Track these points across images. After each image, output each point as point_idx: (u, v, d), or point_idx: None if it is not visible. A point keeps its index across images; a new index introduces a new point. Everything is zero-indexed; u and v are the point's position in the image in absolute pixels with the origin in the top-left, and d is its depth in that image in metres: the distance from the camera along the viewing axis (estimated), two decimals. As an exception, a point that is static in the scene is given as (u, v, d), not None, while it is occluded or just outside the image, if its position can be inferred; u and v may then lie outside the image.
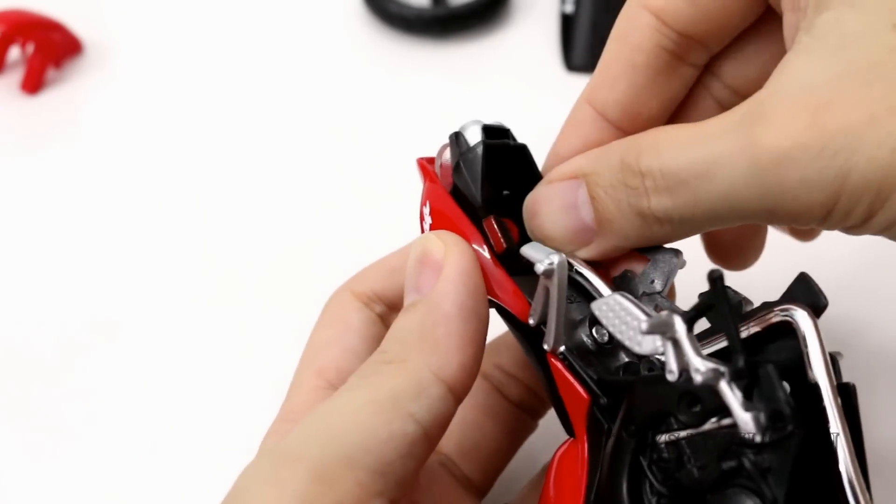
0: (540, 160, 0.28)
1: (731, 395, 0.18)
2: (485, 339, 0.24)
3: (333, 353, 0.28)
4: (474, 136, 0.27)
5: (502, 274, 0.25)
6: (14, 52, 0.50)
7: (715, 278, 0.19)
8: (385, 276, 0.29)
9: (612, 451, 0.22)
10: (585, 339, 0.24)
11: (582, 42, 0.47)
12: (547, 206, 0.25)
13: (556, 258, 0.22)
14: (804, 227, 0.23)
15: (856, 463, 0.19)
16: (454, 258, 0.24)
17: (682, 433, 0.20)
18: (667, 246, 0.25)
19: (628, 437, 0.21)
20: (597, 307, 0.23)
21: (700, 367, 0.19)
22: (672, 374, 0.19)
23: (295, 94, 0.49)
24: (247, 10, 0.55)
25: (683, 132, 0.23)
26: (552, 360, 0.24)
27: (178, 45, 0.53)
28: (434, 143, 0.28)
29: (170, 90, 0.50)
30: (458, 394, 0.23)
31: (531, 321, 0.24)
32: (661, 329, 0.19)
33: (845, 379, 0.21)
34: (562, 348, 0.24)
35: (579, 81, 0.35)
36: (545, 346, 0.24)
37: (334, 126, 0.48)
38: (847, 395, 0.20)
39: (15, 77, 0.50)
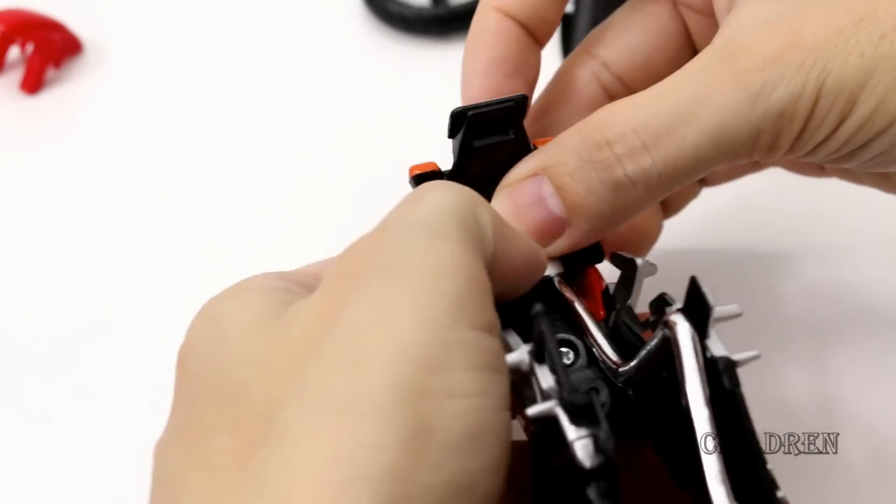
0: None
1: (563, 423, 0.19)
2: None
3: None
4: None
5: None
6: (14, 52, 0.50)
7: (535, 314, 0.20)
8: None
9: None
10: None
11: (580, 33, 0.47)
12: (512, 207, 0.25)
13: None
14: (782, 149, 0.23)
15: (725, 482, 0.18)
16: None
17: (558, 460, 0.20)
18: (630, 256, 0.26)
19: (534, 459, 0.21)
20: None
21: (542, 394, 0.20)
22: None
23: (295, 93, 0.49)
24: (247, 9, 0.55)
25: (644, 93, 0.23)
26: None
27: (178, 44, 0.53)
28: (433, 143, 0.28)
29: (169, 90, 0.50)
30: None
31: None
32: (514, 366, 0.20)
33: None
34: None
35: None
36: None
37: (334, 125, 0.48)
38: (734, 401, 0.20)
39: (15, 77, 0.49)
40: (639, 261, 0.25)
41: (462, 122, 0.25)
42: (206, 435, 0.18)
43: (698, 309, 0.20)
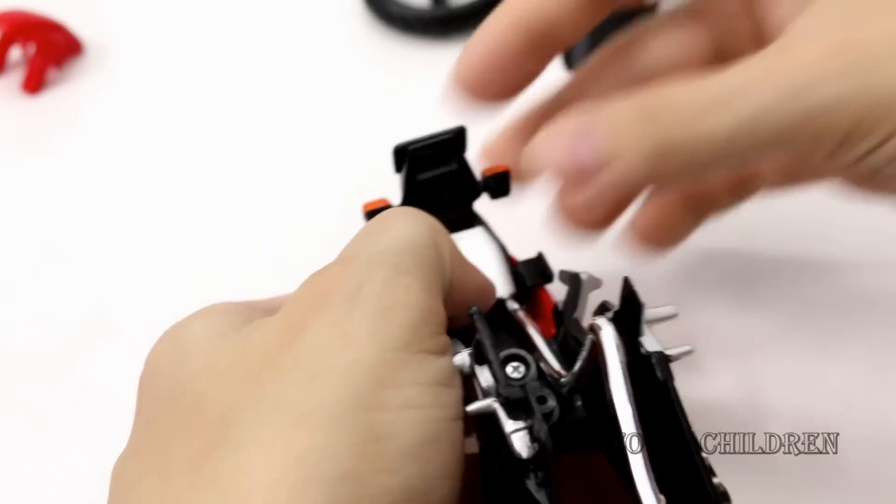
0: None
1: (501, 417, 0.20)
2: None
3: None
4: None
5: None
6: (15, 53, 0.50)
7: (471, 314, 0.21)
8: None
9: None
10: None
11: (582, 42, 0.47)
12: (557, 137, 0.24)
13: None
14: (823, 150, 0.23)
15: (651, 478, 0.19)
16: None
17: (500, 458, 0.21)
18: (575, 271, 0.26)
19: (482, 467, 0.22)
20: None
21: (483, 392, 0.21)
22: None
23: (295, 93, 0.49)
24: (247, 10, 0.55)
25: (699, 78, 0.24)
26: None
27: (178, 44, 0.53)
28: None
29: (170, 90, 0.50)
30: None
31: None
32: (457, 368, 0.21)
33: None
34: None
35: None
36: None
37: (334, 126, 0.48)
38: (667, 393, 0.20)
39: (16, 77, 0.50)
40: (583, 275, 0.26)
41: (405, 157, 0.27)
42: (163, 445, 0.19)
43: (632, 309, 0.21)
